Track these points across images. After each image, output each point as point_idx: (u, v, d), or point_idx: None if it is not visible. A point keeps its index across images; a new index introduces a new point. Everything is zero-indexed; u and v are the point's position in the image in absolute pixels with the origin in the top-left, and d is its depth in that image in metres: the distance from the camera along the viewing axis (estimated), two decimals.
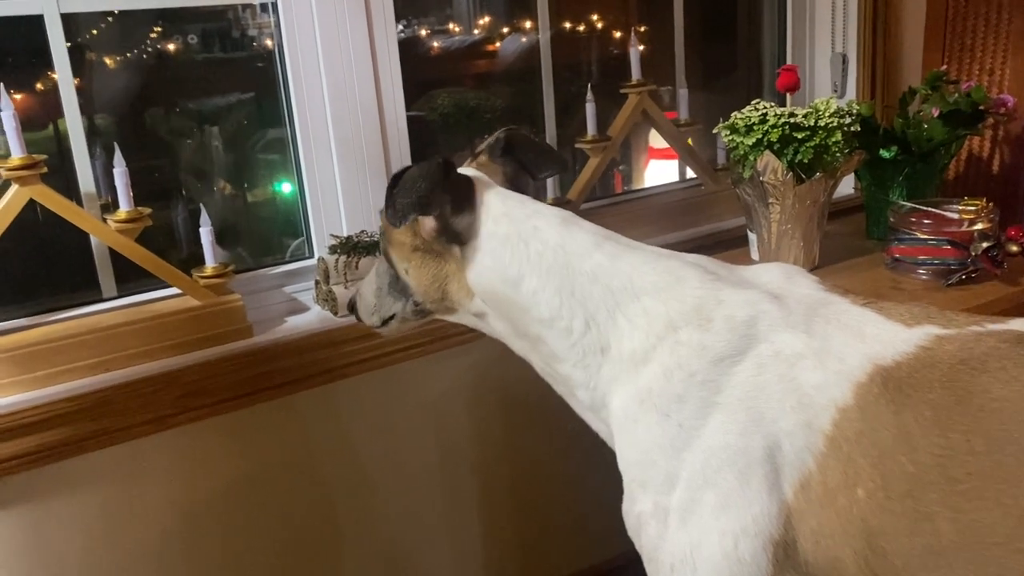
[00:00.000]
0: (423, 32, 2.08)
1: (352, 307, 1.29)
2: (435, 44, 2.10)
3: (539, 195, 1.85)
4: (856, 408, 0.90)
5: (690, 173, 2.18)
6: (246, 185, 1.89)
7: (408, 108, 1.75)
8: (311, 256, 1.75)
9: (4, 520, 1.39)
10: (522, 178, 1.21)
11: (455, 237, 1.09)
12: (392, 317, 1.22)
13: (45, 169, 1.37)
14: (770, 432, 0.92)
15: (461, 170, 1.14)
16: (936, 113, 1.93)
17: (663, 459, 0.97)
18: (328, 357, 1.58)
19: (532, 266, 1.06)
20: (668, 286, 1.02)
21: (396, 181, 1.04)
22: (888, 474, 0.87)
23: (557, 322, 1.06)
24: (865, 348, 0.93)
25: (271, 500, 1.62)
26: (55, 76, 1.48)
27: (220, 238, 1.63)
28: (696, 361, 0.97)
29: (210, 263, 1.54)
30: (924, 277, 1.76)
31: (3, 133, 1.33)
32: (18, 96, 1.50)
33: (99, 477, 1.45)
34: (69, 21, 1.48)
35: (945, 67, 2.27)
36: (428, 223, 1.09)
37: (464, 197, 1.09)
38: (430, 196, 1.03)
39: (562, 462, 1.92)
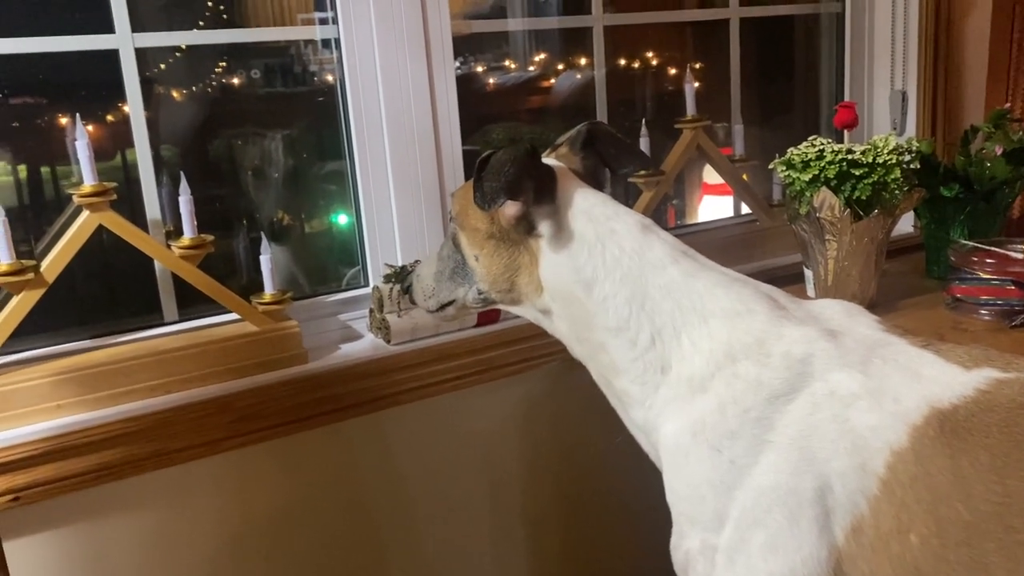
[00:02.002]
0: (480, 68, 2.11)
1: (407, 289, 1.28)
2: (491, 80, 2.13)
3: None
4: (911, 451, 0.88)
5: (745, 208, 2.17)
6: (304, 215, 1.93)
7: (464, 142, 1.77)
8: (366, 285, 1.77)
9: (65, 536, 1.43)
10: (601, 172, 1.19)
11: (532, 228, 1.08)
12: (451, 303, 1.20)
13: (115, 196, 1.41)
14: (822, 473, 0.90)
15: (544, 159, 1.12)
16: (999, 151, 1.89)
17: (713, 496, 0.96)
18: (379, 385, 1.60)
19: (607, 271, 1.04)
20: (737, 314, 1.01)
21: (484, 165, 1.03)
22: (943, 521, 0.84)
23: (623, 333, 1.04)
24: (922, 390, 0.91)
25: (317, 525, 1.63)
26: (125, 108, 1.54)
27: (278, 265, 1.67)
28: (751, 397, 0.95)
29: (269, 290, 1.57)
30: (987, 318, 1.72)
31: (77, 162, 1.39)
32: (89, 127, 1.56)
33: (154, 497, 1.48)
34: (140, 56, 1.53)
35: (1008, 105, 2.23)
36: (510, 209, 1.07)
37: (547, 187, 1.07)
38: (518, 181, 1.02)
39: (611, 496, 1.90)
